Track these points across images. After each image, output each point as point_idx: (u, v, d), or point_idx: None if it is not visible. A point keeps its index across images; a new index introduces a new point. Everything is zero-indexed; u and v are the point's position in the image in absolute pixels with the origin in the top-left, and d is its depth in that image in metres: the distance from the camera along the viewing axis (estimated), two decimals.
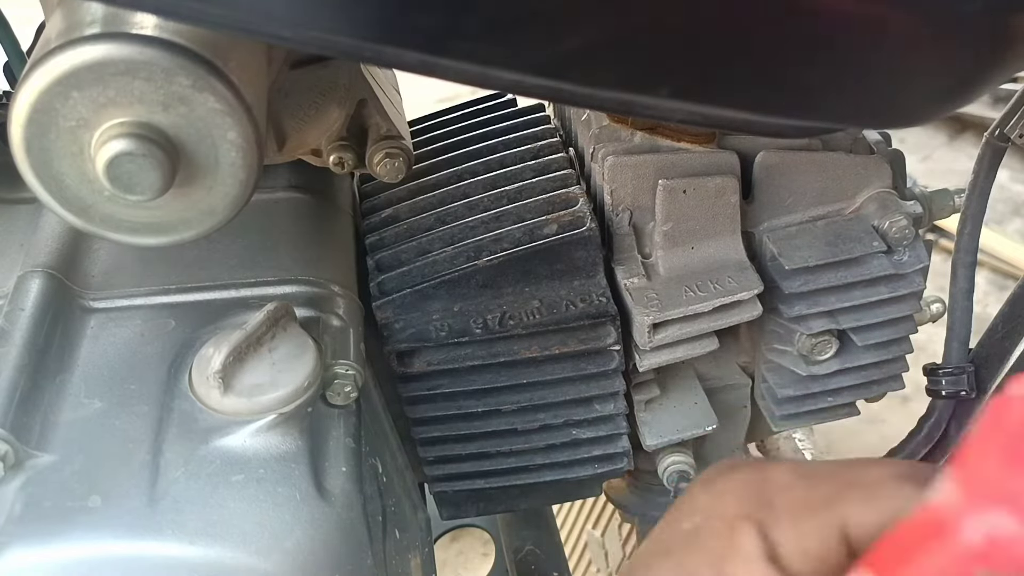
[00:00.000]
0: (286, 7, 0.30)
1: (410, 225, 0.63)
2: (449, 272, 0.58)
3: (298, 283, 0.56)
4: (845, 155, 0.64)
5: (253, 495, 0.45)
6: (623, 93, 0.34)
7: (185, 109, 0.41)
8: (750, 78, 0.33)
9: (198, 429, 0.47)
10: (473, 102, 0.74)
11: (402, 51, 0.32)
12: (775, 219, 0.64)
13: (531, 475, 0.67)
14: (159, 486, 0.44)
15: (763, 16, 0.29)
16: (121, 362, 0.50)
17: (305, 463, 0.47)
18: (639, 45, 0.29)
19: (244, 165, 0.43)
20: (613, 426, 0.65)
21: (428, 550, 0.68)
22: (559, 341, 0.60)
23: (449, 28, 0.30)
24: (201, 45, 0.41)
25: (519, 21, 0.29)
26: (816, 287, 0.61)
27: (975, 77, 0.36)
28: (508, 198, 0.63)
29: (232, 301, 0.55)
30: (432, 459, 0.65)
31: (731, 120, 0.43)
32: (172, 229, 0.45)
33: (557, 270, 0.59)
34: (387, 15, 0.30)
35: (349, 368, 0.51)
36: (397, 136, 0.60)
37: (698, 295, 0.59)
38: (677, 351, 0.61)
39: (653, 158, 0.60)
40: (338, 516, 0.47)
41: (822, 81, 0.34)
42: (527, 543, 0.84)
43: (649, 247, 0.62)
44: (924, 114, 0.37)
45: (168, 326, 0.53)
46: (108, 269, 0.56)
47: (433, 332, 0.59)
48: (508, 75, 0.33)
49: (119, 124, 0.41)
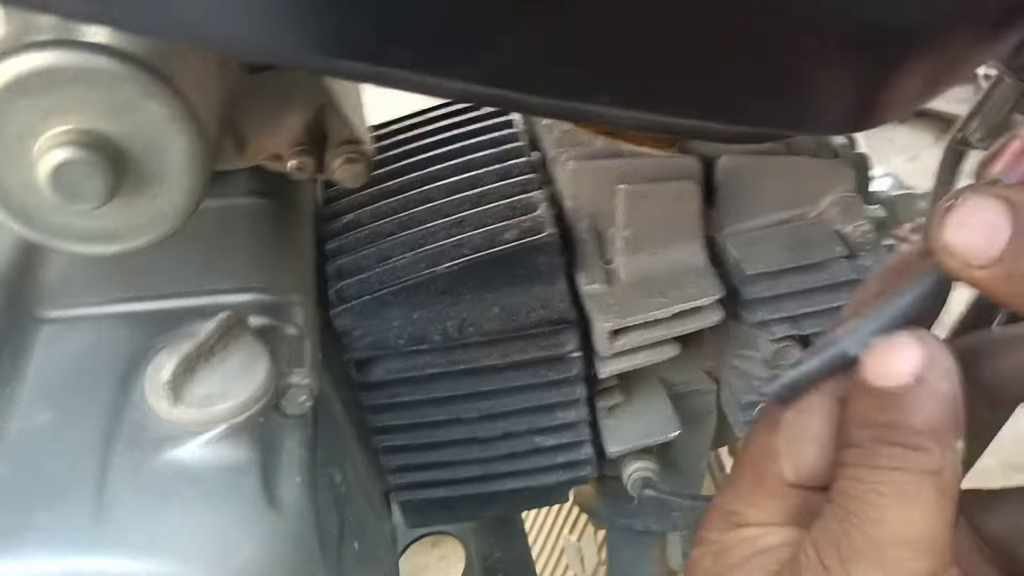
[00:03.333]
0: (222, 21, 0.30)
1: (371, 231, 0.62)
2: (408, 278, 0.58)
3: (254, 291, 0.55)
4: (808, 159, 0.64)
5: (202, 508, 0.44)
6: (567, 102, 0.34)
7: (132, 117, 0.40)
8: (691, 86, 0.33)
9: (148, 440, 0.46)
10: (436, 107, 0.74)
11: (348, 62, 0.32)
12: (737, 224, 0.64)
13: (494, 483, 0.66)
14: (105, 499, 0.43)
15: (700, 25, 0.29)
16: (72, 373, 0.50)
17: (256, 474, 0.46)
18: (574, 54, 0.29)
19: (192, 173, 0.42)
20: (576, 433, 0.64)
21: (392, 560, 0.67)
22: (519, 348, 0.59)
23: (392, 39, 0.29)
24: (149, 52, 0.40)
25: (460, 30, 0.29)
26: (778, 292, 0.61)
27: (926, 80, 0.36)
28: (470, 203, 0.62)
29: (187, 310, 0.54)
30: (395, 468, 0.65)
31: (682, 127, 0.43)
32: (120, 237, 0.44)
33: (517, 276, 0.59)
34: (328, 26, 0.29)
35: (304, 377, 0.51)
36: (357, 141, 0.59)
37: (658, 301, 0.59)
38: (637, 357, 0.60)
39: (614, 163, 0.60)
40: (289, 528, 0.46)
41: (767, 87, 0.34)
42: (495, 550, 0.84)
43: (611, 252, 0.62)
44: (880, 117, 0.37)
45: (120, 336, 0.52)
46: (61, 279, 0.55)
47: (392, 340, 0.58)
48: (456, 84, 0.33)
49: (64, 132, 0.40)
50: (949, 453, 0.29)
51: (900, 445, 0.29)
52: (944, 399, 0.29)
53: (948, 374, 0.30)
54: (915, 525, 0.29)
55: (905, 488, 0.29)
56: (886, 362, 0.30)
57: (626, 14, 0.28)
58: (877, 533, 0.29)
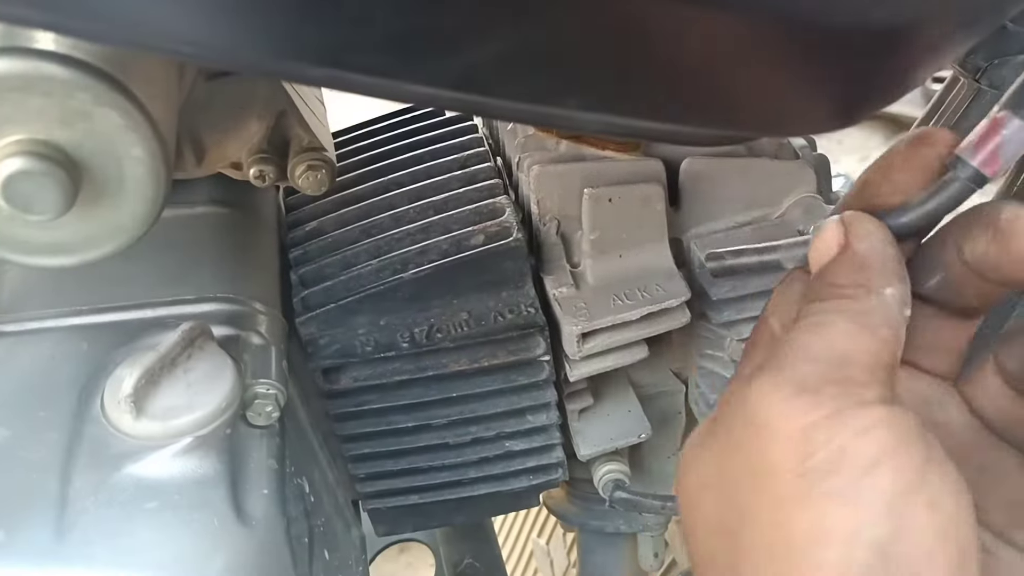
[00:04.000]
0: (178, 25, 0.29)
1: (335, 238, 0.62)
2: (374, 286, 0.57)
3: (217, 301, 0.54)
4: (770, 161, 0.65)
5: (168, 522, 0.43)
6: (532, 106, 0.34)
7: (86, 125, 0.39)
8: (656, 89, 0.33)
9: (110, 455, 0.45)
10: (399, 112, 0.73)
11: (304, 66, 0.31)
12: (702, 226, 0.64)
13: (465, 489, 0.66)
14: (67, 516, 0.42)
15: (663, 29, 0.29)
16: (29, 387, 0.48)
17: (224, 487, 0.46)
18: (540, 57, 0.29)
19: (151, 182, 0.42)
20: (546, 437, 0.64)
21: (362, 569, 0.66)
22: (488, 353, 0.59)
23: (348, 43, 0.29)
24: (103, 59, 0.39)
25: (418, 34, 0.29)
26: (744, 292, 0.62)
27: (884, 84, 0.36)
28: (435, 209, 0.62)
29: (149, 321, 0.53)
30: (364, 476, 0.64)
31: (648, 130, 0.43)
32: (77, 249, 0.43)
33: (485, 281, 0.58)
34: (282, 29, 0.29)
35: (270, 387, 0.50)
36: (319, 148, 0.59)
37: (626, 303, 0.59)
38: (607, 360, 0.60)
39: (579, 167, 0.60)
40: (259, 540, 0.45)
41: (731, 91, 0.34)
42: (466, 556, 0.83)
43: (577, 256, 0.62)
44: (840, 120, 0.37)
45: (80, 349, 0.51)
46: (17, 291, 0.54)
47: (359, 347, 0.58)
48: (417, 88, 0.32)
49: (16, 142, 0.39)
50: (876, 298, 0.33)
51: (826, 298, 0.34)
52: (864, 254, 0.34)
53: (866, 235, 0.35)
54: (818, 346, 0.32)
55: (819, 320, 0.33)
56: (817, 244, 0.36)
57: (591, 17, 0.28)
58: (783, 354, 0.32)
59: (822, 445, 0.30)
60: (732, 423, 0.33)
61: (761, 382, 0.32)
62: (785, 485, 0.30)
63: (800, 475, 0.30)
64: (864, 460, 0.30)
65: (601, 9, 0.28)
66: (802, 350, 0.32)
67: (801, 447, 0.30)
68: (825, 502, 0.29)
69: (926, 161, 0.36)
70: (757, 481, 0.31)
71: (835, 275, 0.34)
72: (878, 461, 0.30)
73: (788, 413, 0.31)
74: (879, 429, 0.30)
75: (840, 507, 0.29)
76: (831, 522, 0.29)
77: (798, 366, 0.32)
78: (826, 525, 0.29)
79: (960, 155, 0.34)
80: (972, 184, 0.34)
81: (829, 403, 0.31)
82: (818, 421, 0.30)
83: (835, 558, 0.29)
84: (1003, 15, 0.33)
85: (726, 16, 0.30)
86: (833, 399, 0.31)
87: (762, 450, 0.31)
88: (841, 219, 0.36)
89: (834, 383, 0.31)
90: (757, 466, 0.31)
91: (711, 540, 0.34)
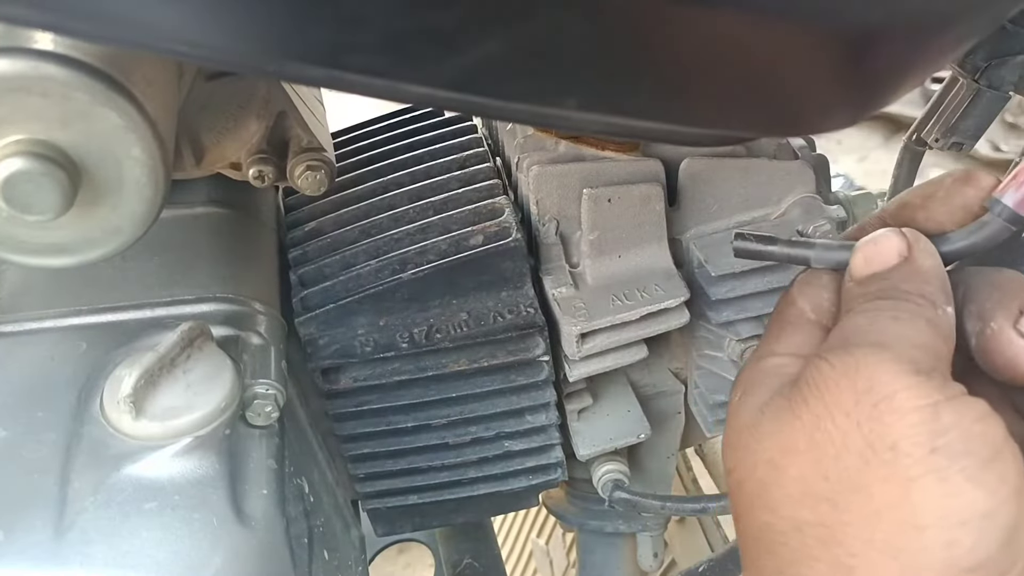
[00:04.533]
0: (175, 23, 0.29)
1: (334, 238, 0.62)
2: (374, 286, 0.57)
3: (216, 301, 0.54)
4: (769, 161, 0.65)
5: (167, 522, 0.43)
6: (532, 106, 0.34)
7: (85, 126, 0.39)
8: (658, 89, 0.33)
9: (109, 456, 0.45)
10: (398, 112, 0.73)
11: (304, 66, 0.31)
12: (701, 225, 0.64)
13: (465, 489, 0.66)
14: (66, 517, 0.42)
15: (662, 29, 0.29)
16: (28, 388, 0.48)
17: (223, 487, 0.46)
18: (539, 57, 0.29)
19: (150, 182, 0.42)
20: (546, 437, 0.64)
21: (362, 569, 0.66)
22: (487, 353, 0.59)
23: (345, 43, 0.29)
24: (101, 59, 0.39)
25: (415, 35, 0.29)
26: (743, 292, 0.62)
27: (884, 84, 0.36)
28: (434, 209, 0.62)
29: (147, 321, 0.53)
30: (363, 476, 0.64)
31: (647, 131, 0.43)
32: (76, 249, 0.43)
33: (484, 281, 0.58)
34: (281, 30, 0.29)
35: (269, 387, 0.50)
36: (318, 148, 0.59)
37: (625, 304, 0.59)
38: (606, 360, 0.60)
39: (578, 167, 0.60)
40: (259, 541, 0.45)
41: (732, 91, 0.34)
42: (466, 556, 0.83)
43: (576, 256, 0.62)
44: (840, 120, 0.37)
45: (79, 349, 0.51)
46: (16, 291, 0.54)
47: (359, 347, 0.58)
48: (416, 89, 0.32)
49: (15, 142, 0.39)
50: (941, 312, 0.34)
51: (897, 298, 0.35)
52: (929, 271, 0.36)
53: (929, 255, 0.36)
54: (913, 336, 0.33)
55: (900, 315, 0.34)
56: (871, 249, 0.37)
57: (589, 18, 0.28)
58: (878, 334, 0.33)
59: (953, 425, 0.30)
60: (830, 391, 0.33)
61: (873, 355, 0.32)
62: (914, 461, 0.30)
63: (932, 451, 0.30)
64: (991, 446, 0.30)
65: (599, 10, 0.28)
66: (901, 336, 0.33)
67: (932, 425, 0.30)
68: (961, 480, 0.30)
69: (967, 200, 0.38)
70: (876, 454, 0.31)
71: (901, 281, 0.35)
72: (1000, 449, 0.31)
73: (914, 389, 0.31)
74: (993, 418, 0.31)
75: (975, 488, 0.30)
76: (965, 501, 0.30)
77: (905, 349, 0.32)
78: (960, 504, 0.30)
79: (997, 197, 0.36)
80: (1009, 225, 0.37)
81: (947, 388, 0.31)
82: (943, 402, 0.31)
83: (970, 540, 0.29)
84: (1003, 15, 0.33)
85: (726, 16, 0.30)
86: (946, 386, 0.31)
87: (883, 422, 0.31)
88: (903, 232, 0.37)
89: (939, 373, 0.32)
90: (876, 438, 0.31)
91: (797, 508, 0.33)
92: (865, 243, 0.38)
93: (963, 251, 0.38)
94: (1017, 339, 0.34)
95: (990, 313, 0.36)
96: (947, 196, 0.39)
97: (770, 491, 0.34)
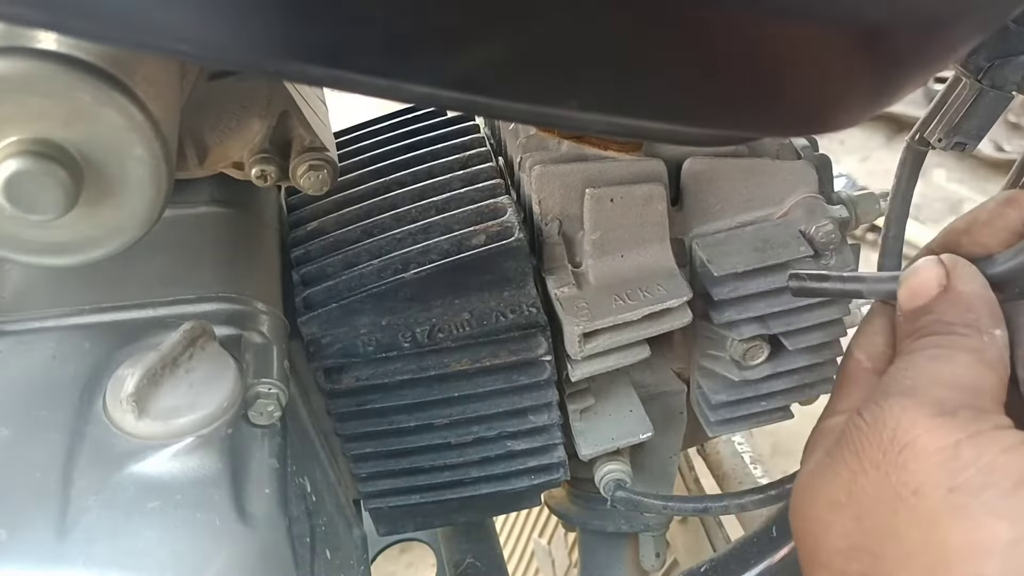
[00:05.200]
0: (177, 22, 0.29)
1: (336, 238, 0.62)
2: (376, 285, 0.57)
3: (219, 300, 0.54)
4: (771, 161, 0.65)
5: (170, 522, 0.43)
6: (535, 106, 0.34)
7: (87, 126, 0.40)
8: (662, 89, 0.33)
9: (112, 455, 0.45)
10: (401, 112, 0.73)
11: (306, 66, 0.31)
12: (704, 225, 0.64)
13: (467, 488, 0.66)
14: (69, 516, 0.42)
15: (664, 29, 0.29)
16: (31, 387, 0.48)
17: (226, 487, 0.46)
18: (542, 57, 0.29)
19: (152, 182, 0.42)
20: (548, 437, 0.64)
21: (364, 568, 0.66)
22: (490, 353, 0.59)
23: (349, 42, 0.29)
24: (104, 59, 0.39)
25: (419, 34, 0.29)
26: (745, 293, 0.62)
27: (888, 83, 0.36)
28: (436, 209, 0.62)
29: (150, 321, 0.53)
30: (365, 475, 0.64)
31: (650, 131, 0.43)
32: (79, 249, 0.44)
33: (486, 281, 0.58)
34: (283, 29, 0.29)
35: (272, 387, 0.50)
36: (321, 148, 0.59)
37: (627, 303, 0.59)
38: (609, 360, 0.60)
39: (580, 167, 0.60)
40: (261, 540, 0.45)
41: (737, 91, 0.34)
42: (468, 556, 0.83)
43: (579, 256, 0.62)
44: (843, 120, 0.37)
45: (82, 348, 0.51)
46: (19, 290, 0.54)
47: (361, 347, 0.58)
48: (419, 88, 0.32)
49: (17, 142, 0.39)
50: (988, 338, 0.35)
51: (939, 332, 0.35)
52: (970, 296, 0.36)
53: (969, 279, 0.37)
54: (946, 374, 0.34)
55: (939, 352, 0.35)
56: (913, 282, 0.37)
57: (593, 18, 0.28)
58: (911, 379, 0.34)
59: (972, 461, 0.31)
60: (862, 446, 0.34)
61: (897, 404, 0.33)
62: (935, 501, 0.31)
63: (951, 490, 0.31)
64: (1014, 475, 0.31)
65: (602, 9, 0.28)
66: (932, 377, 0.34)
67: (951, 463, 0.31)
68: (982, 515, 0.30)
69: (1009, 221, 0.39)
70: (902, 500, 0.32)
71: (944, 313, 0.36)
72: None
73: (934, 431, 0.32)
74: (1022, 447, 0.31)
75: (998, 520, 0.30)
76: (989, 534, 0.30)
77: (933, 391, 0.33)
78: (984, 537, 0.30)
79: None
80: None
81: (970, 425, 0.32)
82: (964, 440, 0.32)
83: (995, 570, 0.30)
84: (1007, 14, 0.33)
85: (729, 15, 0.30)
86: (972, 422, 0.32)
87: (906, 468, 0.32)
88: (940, 260, 0.38)
89: (970, 408, 0.33)
90: (901, 485, 0.32)
91: (845, 561, 0.34)
92: (908, 274, 0.38)
93: (1010, 272, 0.38)
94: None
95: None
96: (990, 219, 0.40)
97: (821, 546, 0.36)
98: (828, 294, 0.43)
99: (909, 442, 0.32)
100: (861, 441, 0.34)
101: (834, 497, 0.35)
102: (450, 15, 0.27)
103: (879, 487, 0.33)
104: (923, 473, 0.32)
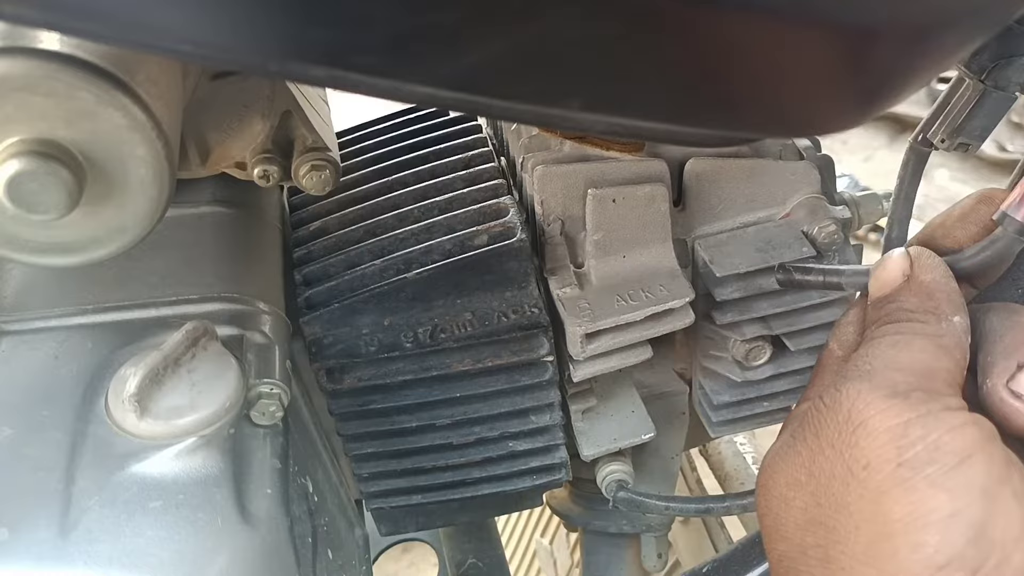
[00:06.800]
0: (178, 22, 0.29)
1: (338, 238, 0.62)
2: (378, 285, 0.57)
3: (221, 300, 0.54)
4: (774, 161, 0.65)
5: (172, 521, 0.43)
6: (536, 106, 0.34)
7: (89, 125, 0.40)
8: (663, 89, 0.33)
9: (114, 455, 0.45)
10: (403, 112, 0.73)
11: (307, 66, 0.31)
12: (706, 226, 0.64)
13: (469, 489, 0.66)
14: (71, 515, 0.42)
15: (666, 30, 0.29)
16: (33, 386, 0.49)
17: (227, 486, 0.46)
18: (543, 58, 0.29)
19: (154, 182, 0.42)
20: (550, 437, 0.64)
21: (366, 568, 0.66)
22: (492, 353, 0.59)
23: (350, 43, 0.29)
24: (106, 59, 0.39)
25: (420, 35, 0.29)
26: (748, 293, 0.62)
27: (887, 86, 0.36)
28: (438, 209, 0.62)
29: (152, 320, 0.53)
30: (367, 475, 0.64)
31: (652, 131, 0.43)
32: (81, 249, 0.43)
33: (488, 281, 0.58)
34: (285, 30, 0.29)
35: (274, 387, 0.50)
36: (323, 148, 0.59)
37: (630, 304, 0.59)
38: (611, 360, 0.60)
39: (582, 167, 0.60)
40: (263, 540, 0.45)
41: (738, 91, 0.34)
42: (469, 556, 0.83)
43: (581, 256, 0.62)
44: (843, 121, 0.37)
45: (84, 348, 0.51)
46: (21, 290, 0.54)
47: (363, 347, 0.58)
48: (420, 89, 0.32)
49: (20, 142, 0.39)
50: (946, 324, 0.37)
51: (900, 319, 0.37)
52: (931, 285, 0.38)
53: (931, 269, 0.39)
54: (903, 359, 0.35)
55: (898, 339, 0.36)
56: (881, 273, 0.39)
57: (595, 18, 0.28)
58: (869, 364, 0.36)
59: (920, 439, 0.33)
60: (820, 427, 0.36)
61: (853, 387, 0.35)
62: (884, 476, 0.33)
63: (899, 465, 0.33)
64: (959, 452, 0.33)
65: (603, 10, 0.28)
66: (888, 361, 0.36)
67: (899, 440, 0.33)
68: (925, 488, 0.32)
69: (981, 217, 0.41)
70: (853, 475, 0.34)
71: (905, 300, 0.38)
72: (971, 454, 0.33)
73: (886, 411, 0.34)
74: (969, 427, 0.33)
75: (939, 492, 0.32)
76: (931, 506, 0.32)
77: (887, 374, 0.35)
78: (926, 509, 0.32)
79: (1006, 211, 0.37)
80: (1020, 237, 0.38)
81: (921, 406, 0.34)
82: (913, 419, 0.33)
83: (935, 539, 0.32)
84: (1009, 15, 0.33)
85: (731, 16, 0.30)
86: (923, 403, 0.34)
87: (858, 446, 0.34)
88: (906, 252, 0.40)
89: (922, 390, 0.35)
90: (853, 462, 0.34)
91: (803, 534, 0.36)
92: (877, 266, 0.40)
93: (976, 266, 0.40)
94: (1009, 400, 0.36)
95: (989, 367, 0.38)
96: (963, 215, 0.42)
97: (782, 522, 0.38)
98: (811, 286, 0.47)
99: (863, 422, 0.34)
100: (820, 423, 0.36)
101: (794, 476, 0.37)
102: (450, 15, 0.27)
103: (834, 464, 0.35)
104: (873, 450, 0.34)
